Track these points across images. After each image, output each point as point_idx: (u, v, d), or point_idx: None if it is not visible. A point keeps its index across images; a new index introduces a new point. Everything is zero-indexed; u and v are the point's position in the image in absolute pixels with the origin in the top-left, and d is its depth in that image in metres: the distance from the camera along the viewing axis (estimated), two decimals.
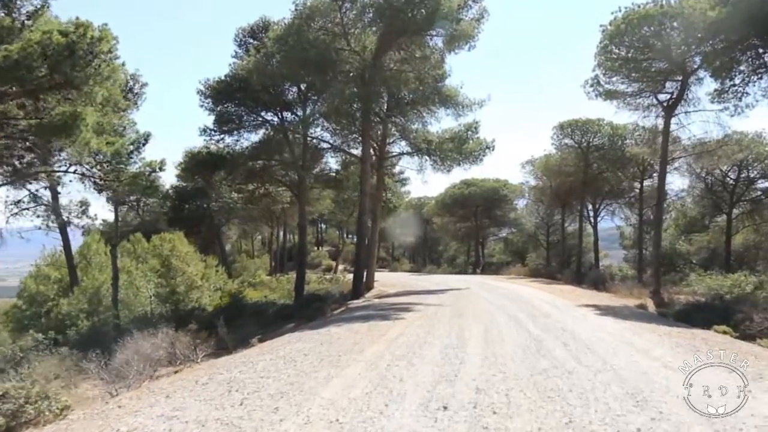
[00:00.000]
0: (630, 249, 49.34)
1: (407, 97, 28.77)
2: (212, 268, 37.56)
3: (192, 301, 32.88)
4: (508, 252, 57.20)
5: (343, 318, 17.69)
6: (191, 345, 12.99)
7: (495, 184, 48.22)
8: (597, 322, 14.19)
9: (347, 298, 27.11)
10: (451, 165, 32.35)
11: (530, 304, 18.43)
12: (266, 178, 32.13)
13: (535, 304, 18.41)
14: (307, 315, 20.71)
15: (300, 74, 25.67)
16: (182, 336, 13.32)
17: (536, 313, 15.99)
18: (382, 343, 11.37)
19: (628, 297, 22.75)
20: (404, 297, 24.39)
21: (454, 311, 17.19)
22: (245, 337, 16.74)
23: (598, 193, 37.36)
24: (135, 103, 25.42)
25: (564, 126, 33.98)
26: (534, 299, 20.26)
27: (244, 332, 17.97)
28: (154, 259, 30.74)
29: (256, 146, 30.19)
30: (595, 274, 32.52)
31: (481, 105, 27.54)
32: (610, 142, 33.74)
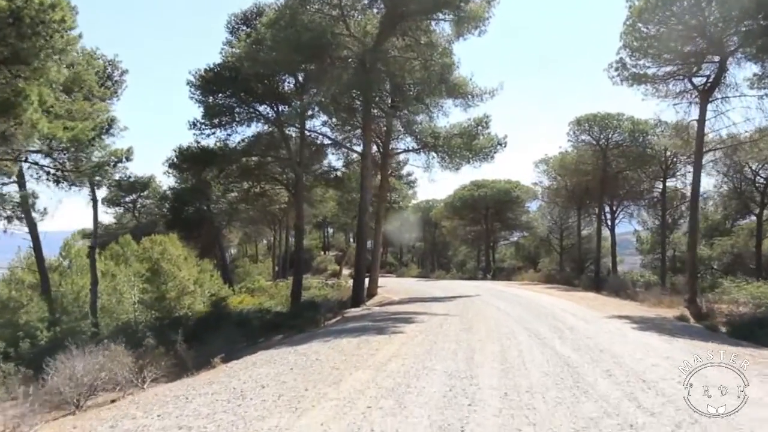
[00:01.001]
0: (647, 254, 46.35)
1: (412, 89, 26.10)
2: (207, 272, 35.08)
3: (184, 307, 30.38)
4: (519, 257, 54.21)
5: (333, 330, 14.98)
6: (135, 367, 10.33)
7: (506, 185, 45.28)
8: (640, 339, 11.34)
9: (346, 305, 24.45)
10: (460, 162, 29.73)
11: (551, 315, 15.62)
12: (262, 176, 29.53)
13: (557, 315, 15.60)
14: (297, 326, 18.00)
15: (294, 61, 23.03)
16: (124, 356, 10.68)
17: (560, 326, 13.19)
18: (369, 368, 8.66)
19: (659, 306, 19.87)
20: (408, 305, 21.68)
21: (462, 323, 14.44)
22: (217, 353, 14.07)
23: (616, 194, 34.39)
24: (115, 92, 22.93)
25: (581, 121, 31.11)
26: (554, 309, 17.43)
27: (217, 347, 15.30)
28: (139, 263, 28.16)
29: (249, 141, 27.61)
30: (615, 281, 29.57)
31: (493, 95, 24.81)
32: (631, 139, 30.79)
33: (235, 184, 30.10)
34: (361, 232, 24.88)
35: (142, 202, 46.08)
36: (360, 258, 24.86)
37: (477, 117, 29.05)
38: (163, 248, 32.21)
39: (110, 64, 22.75)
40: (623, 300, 23.22)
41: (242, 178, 29.38)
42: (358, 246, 25.36)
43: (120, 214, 47.11)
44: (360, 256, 24.90)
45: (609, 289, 28.56)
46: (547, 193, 38.41)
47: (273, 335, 18.89)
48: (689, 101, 20.28)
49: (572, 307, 17.97)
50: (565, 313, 15.97)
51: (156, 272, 31.19)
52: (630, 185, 33.66)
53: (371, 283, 29.83)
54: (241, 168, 29.00)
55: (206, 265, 35.72)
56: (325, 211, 46.71)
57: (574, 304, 19.40)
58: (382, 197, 30.15)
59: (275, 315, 22.45)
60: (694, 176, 20.49)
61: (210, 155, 27.04)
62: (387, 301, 25.34)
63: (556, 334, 11.94)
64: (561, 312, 16.39)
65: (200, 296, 33.47)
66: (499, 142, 29.22)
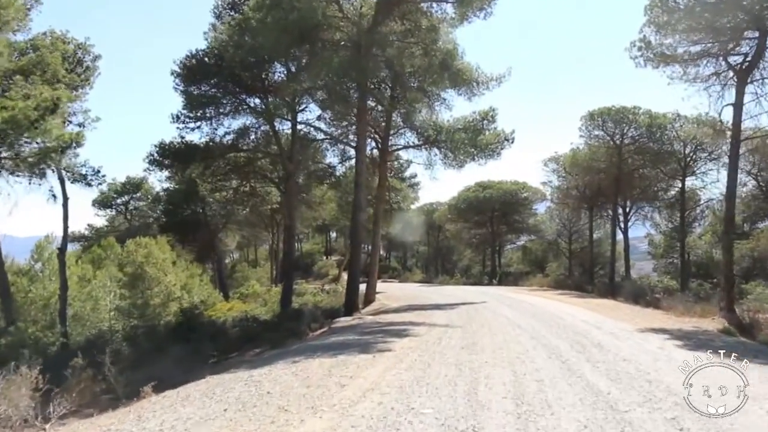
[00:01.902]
0: (660, 258, 43.50)
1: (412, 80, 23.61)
2: (196, 277, 32.63)
3: (169, 314, 27.95)
4: (526, 261, 51.42)
5: (311, 346, 12.40)
6: (33, 401, 7.78)
7: (513, 186, 42.62)
8: None
9: (339, 313, 21.91)
10: (464, 159, 27.21)
11: (571, 328, 12.97)
12: (251, 174, 27.00)
13: (577, 328, 12.96)
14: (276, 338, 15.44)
15: (282, 45, 20.50)
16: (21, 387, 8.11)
17: (585, 343, 10.56)
18: (330, 411, 6.07)
19: (689, 316, 17.14)
20: (406, 313, 19.10)
21: (465, 338, 11.83)
22: (171, 373, 11.54)
23: (630, 194, 31.68)
24: (86, 80, 20.56)
25: (594, 115, 28.44)
26: (572, 319, 14.78)
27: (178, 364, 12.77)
28: (120, 267, 25.78)
29: (237, 135, 25.13)
30: (632, 287, 26.82)
31: (500, 81, 22.19)
32: (648, 134, 28.09)
33: (222, 182, 27.55)
34: (355, 234, 22.31)
35: (135, 204, 43.69)
36: (354, 262, 22.31)
37: (482, 110, 26.57)
38: (148, 251, 29.86)
39: (80, 48, 20.37)
40: (645, 308, 20.49)
41: (230, 175, 26.86)
42: (353, 248, 22.80)
43: (112, 217, 44.72)
44: (355, 260, 22.35)
45: (626, 296, 25.84)
46: (557, 194, 35.69)
47: (249, 348, 16.34)
48: (723, 83, 17.60)
49: (592, 317, 15.30)
50: (587, 325, 13.32)
51: (140, 277, 28.85)
52: (647, 183, 30.91)
53: (368, 289, 27.33)
54: (229, 164, 26.55)
55: (195, 270, 33.34)
56: (325, 214, 44.14)
57: (593, 312, 16.72)
58: (381, 197, 27.63)
59: (258, 325, 19.86)
60: (730, 168, 17.77)
61: (193, 150, 24.58)
62: (384, 309, 22.81)
63: (583, 355, 9.31)
64: (581, 323, 13.74)
65: (188, 303, 31.10)
66: (506, 137, 26.71)
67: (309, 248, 74.42)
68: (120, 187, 41.99)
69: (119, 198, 42.64)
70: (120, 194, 42.46)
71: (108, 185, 42.06)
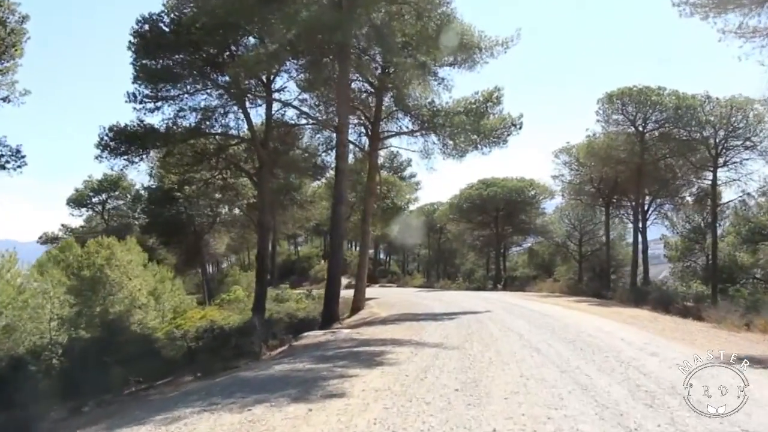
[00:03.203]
0: (677, 261, 39.29)
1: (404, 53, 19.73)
2: (167, 281, 28.78)
3: (133, 323, 24.13)
4: (533, 265, 47.22)
5: (237, 380, 8.45)
6: None
7: (519, 183, 38.48)
8: None
9: (313, 324, 18.01)
10: (466, 147, 23.39)
11: (615, 355, 8.93)
12: (222, 163, 23.09)
13: (624, 354, 8.90)
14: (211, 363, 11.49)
15: (246, 6, 16.71)
16: None
17: (655, 390, 6.52)
18: None
19: (753, 331, 13.12)
20: (394, 326, 15.15)
21: (462, 370, 7.90)
22: None
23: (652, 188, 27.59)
24: (13, 46, 16.83)
25: (614, 97, 24.40)
26: (611, 339, 10.74)
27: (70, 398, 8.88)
28: (61, 270, 22.02)
29: (202, 117, 21.29)
30: (659, 293, 22.77)
31: (506, 47, 18.30)
32: (676, 118, 24.02)
33: (191, 173, 23.61)
34: (336, 229, 18.35)
35: (113, 203, 39.88)
36: (334, 263, 18.36)
37: (486, 91, 22.66)
38: (111, 252, 26.07)
39: None
40: (684, 319, 16.46)
41: (198, 165, 22.94)
42: (333, 247, 18.87)
43: (90, 217, 40.92)
44: (334, 261, 18.40)
45: (653, 304, 21.81)
46: (569, 189, 31.54)
47: (188, 372, 12.43)
48: None
49: (636, 336, 11.23)
50: (636, 351, 9.27)
51: (99, 281, 25.10)
52: (669, 176, 26.82)
53: (357, 294, 23.47)
54: (196, 152, 22.70)
55: (166, 274, 29.52)
56: (317, 213, 40.26)
57: (632, 328, 12.66)
58: (371, 190, 23.72)
59: (211, 340, 15.90)
60: None
61: (151, 134, 20.71)
62: (370, 320, 18.89)
63: (659, 413, 5.35)
64: (625, 347, 9.70)
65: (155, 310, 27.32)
66: (513, 122, 22.81)
67: (307, 251, 70.44)
68: (96, 184, 38.21)
69: (96, 196, 38.83)
70: (96, 192, 38.66)
71: (84, 182, 38.49)
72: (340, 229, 18.00)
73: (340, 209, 17.99)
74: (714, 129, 24.11)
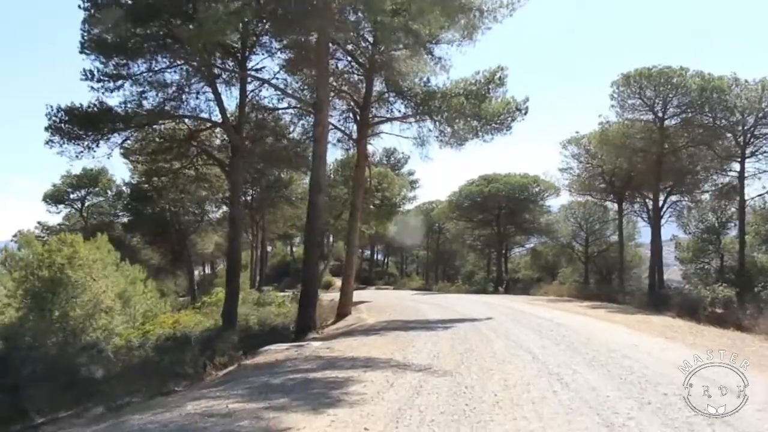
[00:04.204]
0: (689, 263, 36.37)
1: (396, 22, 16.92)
2: (138, 283, 25.95)
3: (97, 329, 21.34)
4: (536, 267, 44.25)
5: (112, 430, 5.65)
6: None
7: (523, 179, 35.57)
8: None
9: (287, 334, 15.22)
10: (465, 134, 20.74)
11: (679, 392, 6.09)
12: (192, 151, 20.20)
13: (695, 397, 6.01)
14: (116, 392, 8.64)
15: None
16: None
17: None
18: None
19: None
20: (377, 338, 12.39)
21: (453, 419, 5.07)
22: None
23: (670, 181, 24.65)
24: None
25: (631, 79, 21.47)
26: (657, 363, 7.87)
27: None
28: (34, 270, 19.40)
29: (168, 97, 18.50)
30: (682, 298, 19.96)
31: (512, 9, 15.44)
32: (700, 102, 21.11)
33: (159, 162, 20.75)
34: (313, 223, 15.46)
35: (93, 199, 37.07)
36: (310, 262, 15.47)
37: (488, 71, 19.90)
38: (74, 251, 23.22)
39: None
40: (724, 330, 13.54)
41: (164, 152, 20.09)
42: (307, 243, 15.99)
43: (70, 214, 38.10)
44: (310, 260, 15.51)
45: (676, 310, 18.99)
46: (577, 184, 28.56)
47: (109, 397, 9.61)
48: None
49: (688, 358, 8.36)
50: (704, 384, 6.39)
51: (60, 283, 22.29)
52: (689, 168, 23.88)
53: (343, 298, 20.73)
54: (164, 138, 19.92)
55: (138, 275, 26.64)
56: None
57: (674, 344, 9.76)
58: (359, 181, 20.91)
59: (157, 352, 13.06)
60: None
61: (108, 115, 17.91)
62: (353, 328, 16.13)
63: None
64: (684, 377, 6.82)
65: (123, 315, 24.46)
66: (517, 106, 20.08)
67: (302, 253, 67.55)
68: (75, 179, 35.40)
69: (74, 192, 36.02)
70: (75, 188, 35.85)
71: (61, 177, 35.70)
72: (318, 223, 15.14)
73: (318, 200, 15.14)
74: (742, 114, 21.23)
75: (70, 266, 22.10)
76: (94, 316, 22.09)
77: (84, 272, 22.52)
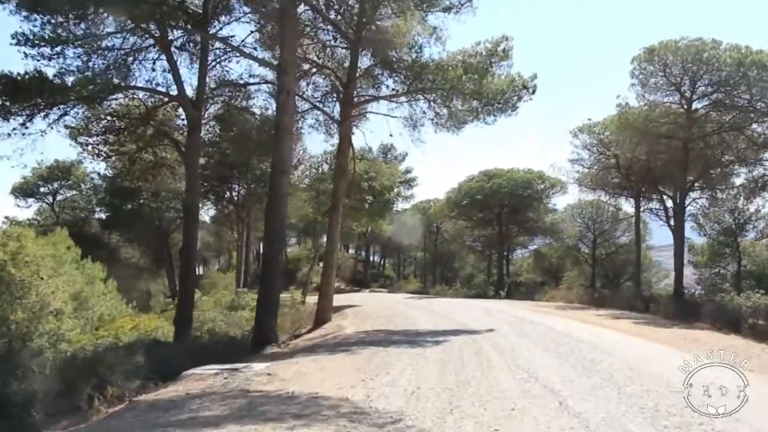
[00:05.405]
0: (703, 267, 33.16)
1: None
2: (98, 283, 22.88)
3: (43, 334, 18.26)
4: (539, 269, 40.96)
5: None
6: None
7: (526, 175, 32.36)
8: None
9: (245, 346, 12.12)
10: (464, 116, 17.81)
11: None
12: (148, 130, 17.06)
13: None
14: None
15: None
16: None
17: None
18: None
19: None
20: (344, 357, 9.33)
21: None
22: None
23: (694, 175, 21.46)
24: None
25: (655, 54, 18.29)
26: None
27: None
28: None
29: (116, 65, 15.43)
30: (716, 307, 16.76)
31: None
32: (737, 78, 17.89)
33: (111, 144, 17.60)
34: (274, 207, 12.27)
35: (66, 193, 33.98)
36: (270, 259, 12.30)
37: (491, 41, 16.88)
38: (20, 246, 20.09)
39: None
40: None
41: (114, 132, 16.97)
42: (268, 234, 12.79)
43: (43, 209, 35.02)
44: (270, 256, 12.33)
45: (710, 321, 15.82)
46: (588, 178, 25.29)
47: None
48: None
49: None
50: None
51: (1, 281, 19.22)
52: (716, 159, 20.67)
53: (321, 302, 17.75)
54: (116, 116, 16.86)
55: (98, 274, 23.55)
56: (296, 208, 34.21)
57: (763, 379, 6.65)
58: (342, 168, 17.82)
59: None
60: None
61: (43, 85, 14.79)
62: (328, 339, 13.11)
63: None
64: None
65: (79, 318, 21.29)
66: (524, 84, 17.09)
67: (297, 254, 64.31)
68: (46, 171, 32.33)
69: (45, 185, 32.93)
70: (46, 181, 32.78)
71: (32, 169, 32.59)
72: (280, 210, 11.99)
73: (281, 181, 12.00)
74: None
75: (13, 263, 19.03)
76: (40, 320, 19.02)
77: (30, 270, 19.47)
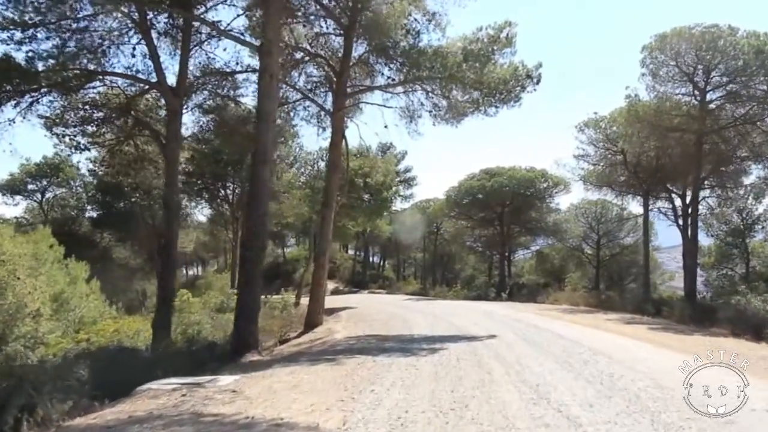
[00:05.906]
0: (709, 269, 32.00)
1: None
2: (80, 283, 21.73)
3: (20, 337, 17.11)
4: (541, 271, 39.74)
5: None
6: None
7: (529, 174, 31.14)
8: None
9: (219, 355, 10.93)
10: (464, 107, 16.62)
11: None
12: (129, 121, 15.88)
13: None
14: None
15: None
16: None
17: None
18: None
19: None
20: (325, 368, 8.12)
21: None
22: None
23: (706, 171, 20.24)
24: None
25: (666, 42, 17.08)
26: None
27: None
28: None
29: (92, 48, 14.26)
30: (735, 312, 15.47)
31: None
32: (755, 67, 16.64)
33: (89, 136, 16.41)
34: (255, 202, 11.10)
35: (55, 191, 32.83)
36: (251, 257, 11.10)
37: (493, 27, 15.69)
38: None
39: None
40: None
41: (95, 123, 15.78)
42: (249, 231, 11.59)
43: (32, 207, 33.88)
44: (251, 255, 11.13)
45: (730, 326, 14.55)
46: (595, 175, 24.03)
47: None
48: None
49: None
50: None
51: None
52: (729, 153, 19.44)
53: (312, 305, 16.66)
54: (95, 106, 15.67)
55: (81, 273, 22.42)
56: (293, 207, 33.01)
57: None
58: (334, 162, 16.69)
59: None
60: None
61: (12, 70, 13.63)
62: (314, 344, 12.02)
63: None
64: None
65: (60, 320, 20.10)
66: (528, 73, 15.92)
67: (296, 254, 63.07)
68: (34, 168, 31.21)
69: (33, 183, 31.79)
70: (34, 178, 31.64)
71: (20, 166, 31.50)
72: (262, 203, 10.82)
73: (263, 172, 10.83)
74: None
75: None
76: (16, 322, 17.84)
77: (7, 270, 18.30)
